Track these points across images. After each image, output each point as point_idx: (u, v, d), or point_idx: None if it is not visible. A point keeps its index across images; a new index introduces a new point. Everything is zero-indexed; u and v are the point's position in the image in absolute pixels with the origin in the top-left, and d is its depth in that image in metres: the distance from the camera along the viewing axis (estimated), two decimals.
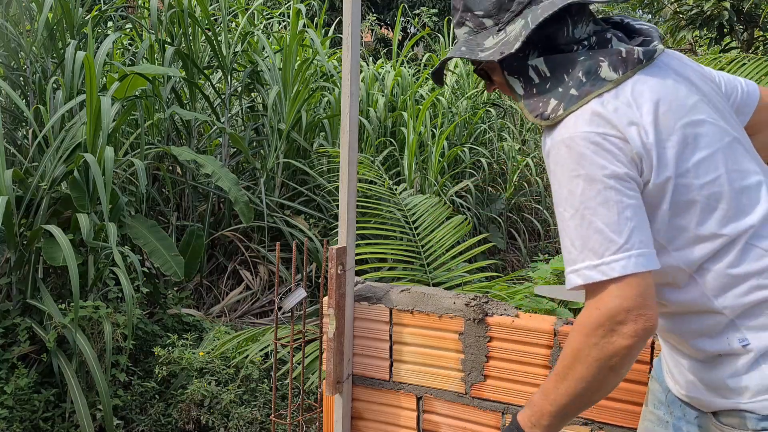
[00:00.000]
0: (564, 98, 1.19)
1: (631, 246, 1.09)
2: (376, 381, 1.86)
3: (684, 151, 1.15)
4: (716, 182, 1.15)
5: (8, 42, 4.33)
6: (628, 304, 1.07)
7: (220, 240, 5.24)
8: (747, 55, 3.46)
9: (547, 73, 1.22)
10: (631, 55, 1.19)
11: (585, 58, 1.20)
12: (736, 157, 1.18)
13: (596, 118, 1.15)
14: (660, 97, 1.17)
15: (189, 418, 3.38)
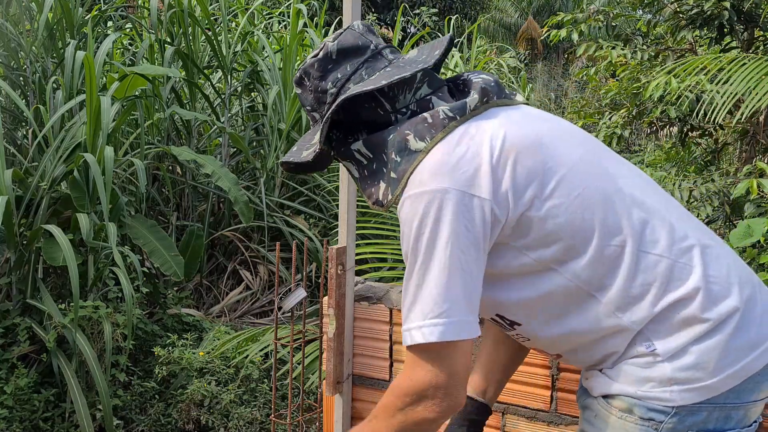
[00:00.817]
0: (389, 182, 1.18)
1: (453, 312, 1.07)
2: (376, 381, 1.86)
3: (541, 181, 1.11)
4: (580, 200, 1.11)
5: (8, 42, 4.33)
6: (437, 381, 1.07)
7: (220, 240, 5.24)
8: (747, 55, 3.46)
9: (370, 155, 1.22)
10: (436, 118, 1.15)
11: (394, 135, 1.17)
12: (595, 164, 1.15)
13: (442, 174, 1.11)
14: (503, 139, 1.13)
15: (189, 418, 3.38)
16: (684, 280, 1.10)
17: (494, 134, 1.13)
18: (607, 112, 4.90)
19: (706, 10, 4.06)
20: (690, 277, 1.10)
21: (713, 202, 3.94)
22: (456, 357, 1.08)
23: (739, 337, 1.09)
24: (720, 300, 1.09)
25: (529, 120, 1.19)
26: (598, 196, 1.12)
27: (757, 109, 3.25)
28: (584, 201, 1.11)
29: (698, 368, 1.08)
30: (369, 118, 1.24)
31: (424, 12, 11.81)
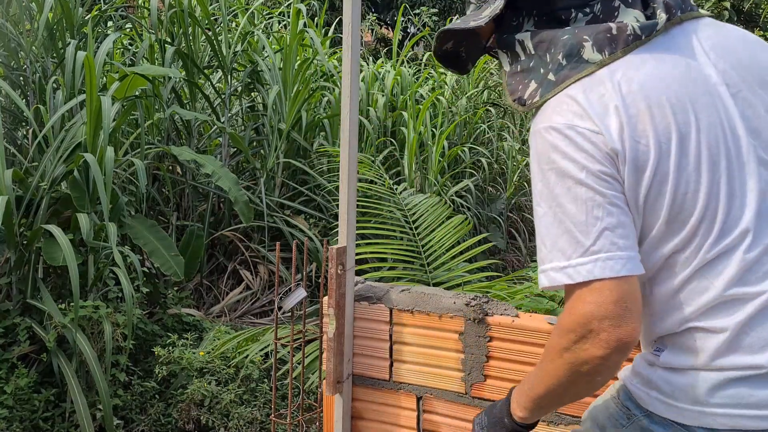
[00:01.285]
0: (542, 83, 1.10)
1: (598, 249, 1.01)
2: (376, 381, 1.86)
3: (666, 155, 1.03)
4: (695, 198, 1.04)
5: (8, 42, 4.33)
6: (601, 312, 0.99)
7: (220, 240, 5.24)
8: None
9: (532, 51, 1.12)
10: (622, 33, 1.05)
11: (568, 37, 1.07)
12: (733, 172, 1.04)
13: (572, 107, 1.05)
14: (651, 89, 1.04)
15: (189, 418, 3.38)
16: (719, 320, 1.04)
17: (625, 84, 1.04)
18: None
19: (706, 10, 4.06)
20: (726, 319, 1.04)
21: None
22: (614, 285, 1.00)
23: (740, 388, 1.04)
24: (741, 353, 1.04)
25: (685, 71, 1.06)
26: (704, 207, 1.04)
27: None
28: (689, 206, 1.04)
29: (680, 389, 1.07)
30: (542, 3, 1.12)
31: (424, 12, 11.81)
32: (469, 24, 1.16)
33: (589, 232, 1.01)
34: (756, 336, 1.03)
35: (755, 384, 1.03)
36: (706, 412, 1.05)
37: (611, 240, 1.01)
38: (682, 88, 1.05)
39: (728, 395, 1.04)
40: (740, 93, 1.07)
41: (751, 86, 1.08)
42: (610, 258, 1.00)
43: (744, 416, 1.03)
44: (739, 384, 1.03)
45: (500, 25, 1.19)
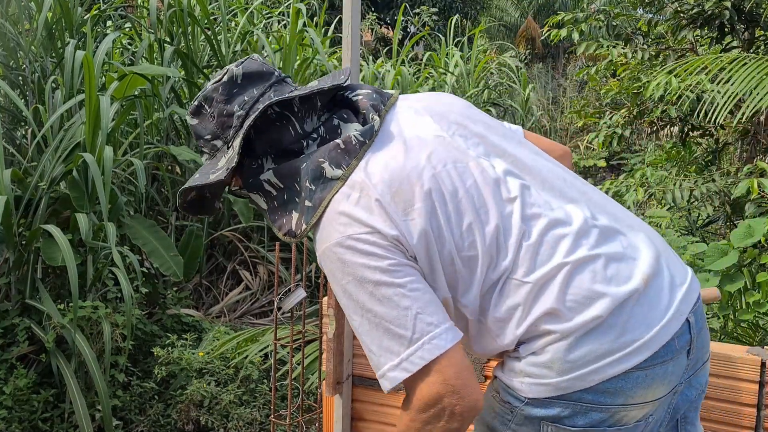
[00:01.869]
0: (303, 211, 1.19)
1: (420, 335, 1.09)
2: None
3: (432, 217, 1.15)
4: (470, 230, 1.15)
5: (7, 41, 4.32)
6: (447, 389, 1.08)
7: (220, 240, 5.23)
8: (748, 55, 3.45)
9: (280, 186, 1.22)
10: (349, 144, 1.18)
11: (307, 164, 1.19)
12: (483, 195, 1.18)
13: (341, 221, 1.15)
14: (395, 174, 1.16)
15: (188, 419, 3.38)
16: (543, 304, 1.14)
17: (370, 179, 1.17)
18: (607, 111, 4.90)
19: (706, 10, 4.06)
20: (547, 300, 1.14)
21: (714, 201, 3.93)
22: (446, 361, 1.10)
23: (590, 344, 1.13)
24: (576, 313, 1.13)
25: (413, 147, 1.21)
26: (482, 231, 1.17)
27: (758, 109, 3.24)
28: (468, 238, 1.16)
29: (547, 366, 1.14)
30: (278, 139, 1.24)
31: (424, 11, 11.80)
32: (209, 178, 1.23)
33: (405, 324, 1.10)
34: (578, 296, 1.14)
35: (598, 335, 1.13)
36: (574, 376, 1.13)
37: (427, 321, 1.10)
38: (416, 158, 1.19)
39: (584, 354, 1.12)
40: (459, 131, 1.26)
41: (461, 124, 1.27)
42: (432, 338, 1.09)
43: (604, 366, 1.12)
44: (588, 341, 1.13)
45: (242, 170, 1.27)
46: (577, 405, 1.14)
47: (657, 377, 1.14)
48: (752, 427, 1.50)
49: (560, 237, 1.17)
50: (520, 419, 1.19)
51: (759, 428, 1.50)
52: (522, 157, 1.27)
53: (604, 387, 1.13)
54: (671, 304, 1.16)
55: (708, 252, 2.36)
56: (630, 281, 1.15)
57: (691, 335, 1.18)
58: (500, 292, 1.16)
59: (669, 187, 3.84)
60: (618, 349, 1.12)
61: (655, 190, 3.94)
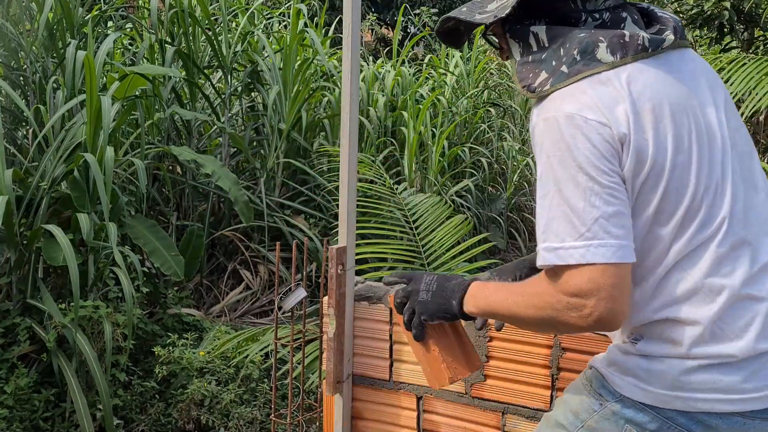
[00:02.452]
0: (554, 73, 1.15)
1: (592, 236, 1.07)
2: (376, 381, 1.86)
3: (663, 151, 1.12)
4: (683, 192, 1.13)
5: (8, 42, 4.33)
6: (595, 293, 1.06)
7: (220, 240, 5.24)
8: (747, 55, 3.46)
9: (546, 43, 1.18)
10: (634, 40, 1.14)
11: (585, 35, 1.15)
12: (714, 175, 1.15)
13: (582, 98, 1.11)
14: (655, 92, 1.13)
15: (189, 418, 3.38)
16: (694, 310, 1.12)
17: (634, 86, 1.12)
18: None
19: (706, 10, 4.06)
20: (701, 310, 1.12)
21: None
22: (602, 270, 1.07)
23: (712, 374, 1.12)
24: (715, 343, 1.12)
25: (681, 84, 1.16)
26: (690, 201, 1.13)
27: (758, 109, 3.25)
28: (675, 199, 1.12)
29: (655, 375, 1.14)
30: (556, 6, 1.20)
31: (424, 12, 11.81)
32: (475, 17, 1.22)
33: (584, 218, 1.07)
34: (729, 328, 1.11)
35: (725, 371, 1.11)
36: (680, 396, 1.12)
37: (605, 228, 1.07)
38: (681, 98, 1.15)
39: (701, 381, 1.12)
40: (721, 112, 1.20)
41: (725, 108, 1.22)
42: (602, 245, 1.07)
43: (713, 400, 1.11)
44: (712, 371, 1.12)
45: (507, 20, 1.23)
46: (667, 423, 1.14)
47: (752, 429, 1.14)
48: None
49: (741, 258, 1.14)
50: (607, 414, 1.19)
51: None
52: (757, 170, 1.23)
53: (701, 417, 1.13)
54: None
55: None
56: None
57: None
58: (666, 274, 1.14)
59: None
60: (736, 391, 1.12)
61: None
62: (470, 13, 1.24)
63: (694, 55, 1.26)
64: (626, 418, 1.17)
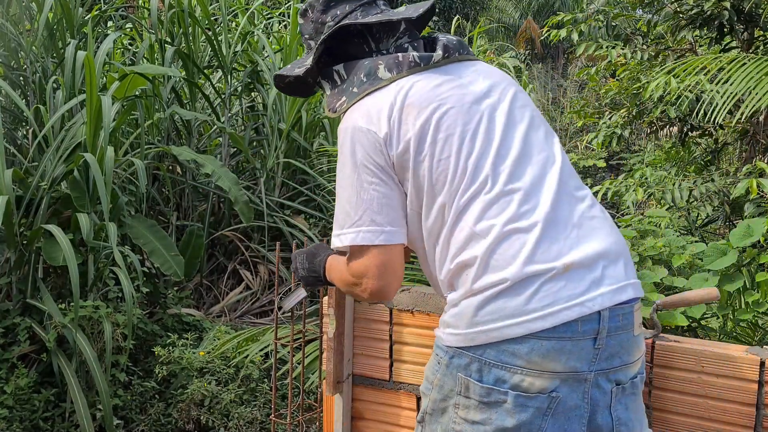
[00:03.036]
0: (349, 95, 1.43)
1: (361, 222, 1.33)
2: (377, 381, 1.86)
3: (425, 135, 1.34)
4: (448, 161, 1.33)
5: (8, 41, 4.33)
6: (366, 271, 1.34)
7: (220, 240, 5.24)
8: (747, 55, 3.46)
9: (345, 76, 1.46)
10: (406, 59, 1.41)
11: (368, 62, 1.43)
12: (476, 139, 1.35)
13: (361, 110, 1.38)
14: (423, 94, 1.37)
15: (189, 418, 3.39)
16: (472, 252, 1.30)
17: (404, 89, 1.37)
18: (607, 112, 4.91)
19: (706, 10, 4.06)
20: (477, 249, 1.30)
21: (713, 201, 3.94)
22: (374, 252, 1.34)
23: (497, 303, 1.27)
24: (490, 273, 1.28)
25: (450, 83, 1.40)
26: (455, 166, 1.34)
27: (757, 109, 3.25)
28: (443, 167, 1.34)
29: (459, 317, 1.31)
30: (354, 52, 1.48)
31: None
32: (294, 71, 1.53)
33: (357, 208, 1.35)
34: (501, 257, 1.29)
35: (506, 297, 1.27)
36: (480, 330, 1.28)
37: (371, 217, 1.34)
38: (444, 93, 1.39)
39: (490, 311, 1.28)
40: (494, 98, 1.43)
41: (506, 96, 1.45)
42: (368, 231, 1.33)
43: (505, 326, 1.26)
44: (496, 300, 1.27)
45: (320, 67, 1.53)
46: (482, 360, 1.28)
47: (553, 350, 1.25)
48: (752, 427, 1.51)
49: (511, 202, 1.32)
50: (443, 368, 1.35)
51: (758, 428, 1.51)
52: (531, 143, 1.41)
53: (504, 346, 1.27)
54: (584, 294, 1.27)
55: (707, 252, 2.36)
56: (551, 262, 1.28)
57: (599, 326, 1.27)
58: (450, 229, 1.34)
59: (668, 187, 3.85)
60: (521, 314, 1.26)
61: (655, 190, 3.94)
62: (293, 69, 1.54)
63: (478, 64, 1.50)
64: (455, 365, 1.32)
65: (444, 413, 1.36)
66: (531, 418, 1.27)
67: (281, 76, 1.57)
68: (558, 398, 1.27)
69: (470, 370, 1.30)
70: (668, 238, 2.59)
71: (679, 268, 2.49)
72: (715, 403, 1.54)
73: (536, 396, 1.26)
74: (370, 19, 1.46)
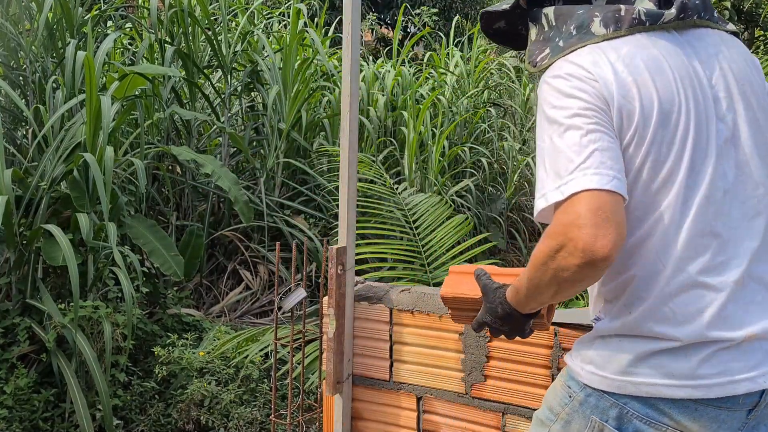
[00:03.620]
0: (554, 49, 1.23)
1: (588, 165, 1.08)
2: (376, 381, 1.86)
3: (648, 122, 1.14)
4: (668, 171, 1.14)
5: (8, 41, 4.32)
6: (579, 220, 1.05)
7: (220, 240, 5.23)
8: None
9: (553, 23, 1.24)
10: (629, 14, 1.17)
11: (582, 12, 1.21)
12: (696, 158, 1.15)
13: (576, 61, 1.17)
14: (643, 65, 1.15)
15: (189, 418, 3.38)
16: (651, 289, 1.15)
17: (621, 61, 1.15)
18: None
19: None
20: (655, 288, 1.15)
21: None
22: (595, 197, 1.07)
23: (660, 359, 1.15)
24: (664, 324, 1.14)
25: (680, 68, 1.17)
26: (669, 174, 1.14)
27: None
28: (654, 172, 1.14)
29: (609, 359, 1.18)
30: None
31: (424, 11, 11.81)
32: (502, 6, 1.34)
33: (581, 152, 1.10)
34: (680, 311, 1.14)
35: (672, 356, 1.14)
36: (632, 381, 1.16)
37: (600, 159, 1.09)
38: (671, 75, 1.16)
39: (651, 365, 1.15)
40: (725, 101, 1.19)
41: (741, 100, 1.20)
42: (597, 173, 1.08)
43: (663, 385, 1.14)
44: (660, 356, 1.14)
45: (534, 3, 1.31)
46: (624, 408, 1.17)
47: (707, 417, 1.15)
48: None
49: (713, 250, 1.15)
50: (575, 405, 1.23)
51: None
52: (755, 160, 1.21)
53: (654, 402, 1.16)
54: (756, 369, 1.15)
55: None
56: (733, 331, 1.14)
57: (761, 400, 1.18)
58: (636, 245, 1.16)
59: None
60: (685, 377, 1.14)
61: None
62: (500, 5, 1.35)
63: (721, 40, 1.23)
64: (591, 406, 1.20)
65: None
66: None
67: (490, 15, 1.37)
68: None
69: (608, 415, 1.19)
70: None
71: None
72: None
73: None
74: None
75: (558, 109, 1.14)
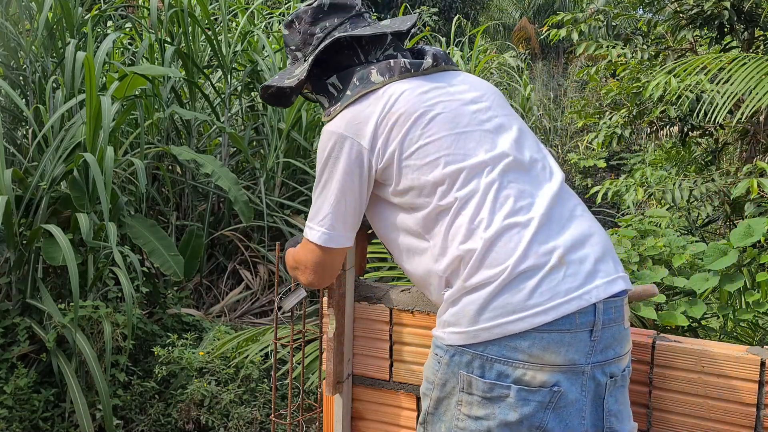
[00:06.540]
0: (343, 99, 1.48)
1: (322, 224, 1.47)
2: (376, 381, 1.86)
3: (411, 141, 1.40)
4: (436, 162, 1.39)
5: (8, 41, 4.32)
6: (308, 264, 1.53)
7: (220, 240, 5.23)
8: (748, 55, 3.45)
9: (340, 87, 1.51)
10: (398, 65, 1.48)
11: (361, 68, 1.49)
12: (464, 142, 1.41)
13: (352, 118, 1.44)
14: (411, 97, 1.43)
15: (189, 418, 3.38)
16: (468, 243, 1.33)
17: (393, 96, 1.43)
18: (607, 111, 4.91)
19: (706, 10, 4.06)
20: (474, 240, 1.33)
21: (713, 201, 3.94)
22: (321, 251, 1.50)
23: (499, 299, 1.30)
24: (492, 266, 1.31)
25: (438, 90, 1.47)
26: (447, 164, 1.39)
27: (758, 108, 3.25)
28: (432, 165, 1.39)
29: (460, 315, 1.33)
30: (344, 62, 1.53)
31: (424, 11, 11.81)
32: (284, 82, 1.58)
33: (323, 210, 1.47)
34: (498, 251, 1.31)
35: (508, 292, 1.29)
36: (483, 328, 1.30)
37: (331, 222, 1.46)
38: (432, 98, 1.45)
39: (492, 308, 1.30)
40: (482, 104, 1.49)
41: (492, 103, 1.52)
42: (323, 234, 1.47)
43: (507, 322, 1.29)
44: (497, 296, 1.30)
45: (311, 79, 1.57)
46: (483, 356, 1.30)
47: (552, 342, 1.28)
48: (752, 427, 1.51)
49: (508, 198, 1.36)
50: (443, 367, 1.37)
51: (758, 428, 1.51)
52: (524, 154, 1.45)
53: (506, 342, 1.29)
54: (581, 287, 1.30)
55: (707, 252, 2.36)
56: (547, 255, 1.31)
57: (595, 318, 1.31)
58: (447, 225, 1.37)
59: (669, 186, 3.85)
60: (523, 309, 1.28)
61: (655, 189, 3.94)
62: (281, 80, 1.59)
63: (465, 74, 1.58)
64: (456, 363, 1.34)
65: (446, 411, 1.38)
66: (533, 412, 1.29)
67: (266, 86, 1.62)
68: (559, 392, 1.29)
69: (472, 366, 1.32)
70: (669, 238, 2.59)
71: (680, 268, 2.49)
72: (715, 403, 1.54)
73: (538, 390, 1.29)
74: (361, 31, 1.51)
75: (324, 164, 1.47)
